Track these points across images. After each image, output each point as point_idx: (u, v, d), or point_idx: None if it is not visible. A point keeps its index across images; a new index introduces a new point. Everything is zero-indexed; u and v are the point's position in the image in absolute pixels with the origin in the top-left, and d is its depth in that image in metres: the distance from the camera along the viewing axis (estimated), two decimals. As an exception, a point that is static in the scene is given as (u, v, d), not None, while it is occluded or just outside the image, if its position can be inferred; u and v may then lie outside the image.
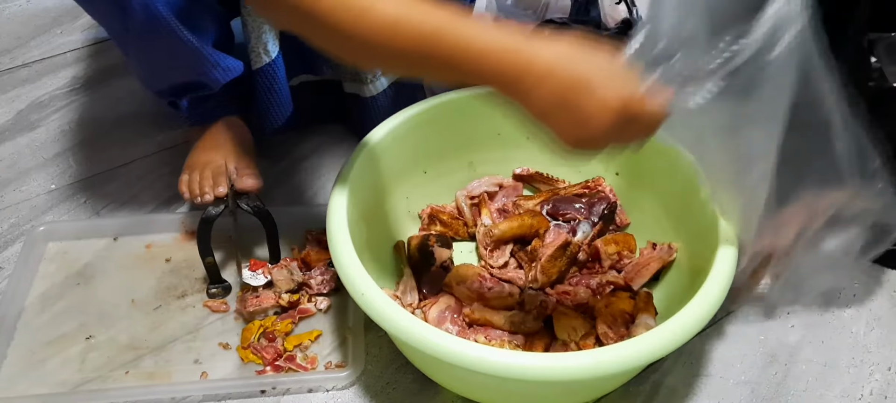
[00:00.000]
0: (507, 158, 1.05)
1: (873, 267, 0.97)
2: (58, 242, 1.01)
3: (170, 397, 0.84)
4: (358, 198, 0.84)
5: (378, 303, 0.71)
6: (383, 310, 0.70)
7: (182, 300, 0.94)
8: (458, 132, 0.99)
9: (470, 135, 1.00)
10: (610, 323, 0.84)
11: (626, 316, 0.85)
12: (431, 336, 0.68)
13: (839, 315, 0.92)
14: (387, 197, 0.95)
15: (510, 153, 1.04)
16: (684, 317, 0.69)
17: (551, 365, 0.66)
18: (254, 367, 0.86)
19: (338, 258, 0.76)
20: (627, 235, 0.96)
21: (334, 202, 0.81)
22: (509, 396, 0.79)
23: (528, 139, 0.99)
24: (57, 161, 1.17)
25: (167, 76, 1.01)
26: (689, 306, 0.70)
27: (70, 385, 0.84)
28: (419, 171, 1.00)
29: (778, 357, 0.88)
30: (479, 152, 1.03)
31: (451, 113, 0.97)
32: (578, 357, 0.68)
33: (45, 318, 0.92)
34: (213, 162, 0.98)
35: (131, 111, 1.24)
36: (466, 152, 1.03)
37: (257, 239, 0.97)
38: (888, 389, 0.85)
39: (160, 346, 0.89)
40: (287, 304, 0.91)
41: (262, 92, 1.02)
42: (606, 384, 0.81)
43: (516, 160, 1.05)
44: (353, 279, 0.73)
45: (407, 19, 0.63)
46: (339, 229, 0.78)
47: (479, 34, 0.63)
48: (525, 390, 0.75)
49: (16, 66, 1.37)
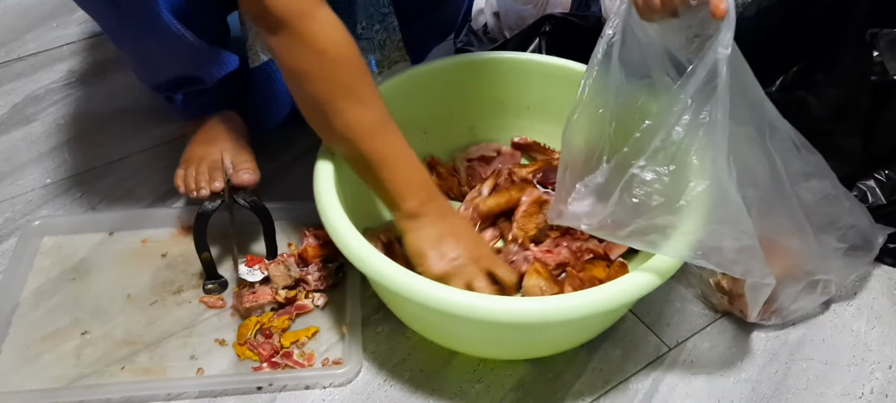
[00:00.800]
0: (507, 126, 1.08)
1: (874, 264, 0.97)
2: (53, 237, 1.00)
3: (165, 393, 0.83)
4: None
5: (351, 241, 0.76)
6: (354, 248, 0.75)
7: (178, 295, 0.93)
8: (460, 96, 1.02)
9: (472, 100, 1.04)
10: (577, 286, 0.86)
11: (596, 282, 0.86)
12: (393, 273, 0.73)
13: (840, 313, 0.92)
14: None
15: (510, 121, 1.07)
16: (633, 278, 0.73)
17: (496, 308, 0.70)
18: (250, 364, 0.86)
19: (323, 209, 0.80)
20: None
21: (322, 156, 0.85)
22: (475, 341, 0.83)
23: (528, 108, 1.04)
24: (52, 155, 1.16)
25: (162, 70, 1.00)
26: (639, 269, 0.73)
27: (65, 380, 0.84)
28: (419, 131, 1.02)
29: (778, 356, 0.87)
30: (481, 118, 1.07)
31: (454, 77, 1.00)
32: (522, 303, 0.72)
33: (40, 313, 0.91)
34: (209, 156, 0.98)
35: (127, 105, 1.24)
36: (467, 117, 1.06)
37: (254, 234, 0.96)
38: (889, 387, 0.84)
39: (156, 342, 0.88)
40: (284, 300, 0.91)
41: (259, 90, 1.01)
42: (558, 333, 0.81)
43: (516, 128, 1.08)
44: (333, 220, 0.78)
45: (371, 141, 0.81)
46: (325, 184, 0.83)
47: (405, 188, 0.81)
48: (477, 332, 0.79)
49: (11, 60, 1.37)
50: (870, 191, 0.96)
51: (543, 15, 1.12)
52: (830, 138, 0.93)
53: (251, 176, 0.95)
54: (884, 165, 0.97)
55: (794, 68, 0.98)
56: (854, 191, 0.96)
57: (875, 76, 0.90)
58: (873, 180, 0.96)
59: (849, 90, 0.94)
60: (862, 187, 0.97)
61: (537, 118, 1.06)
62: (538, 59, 1.04)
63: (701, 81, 0.68)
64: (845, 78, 0.94)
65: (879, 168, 0.97)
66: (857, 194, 0.96)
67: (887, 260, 0.97)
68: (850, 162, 0.96)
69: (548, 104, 1.04)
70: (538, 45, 1.10)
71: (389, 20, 1.03)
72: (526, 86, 1.04)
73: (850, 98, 0.94)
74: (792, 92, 0.96)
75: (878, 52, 0.90)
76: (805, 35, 0.96)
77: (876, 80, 0.91)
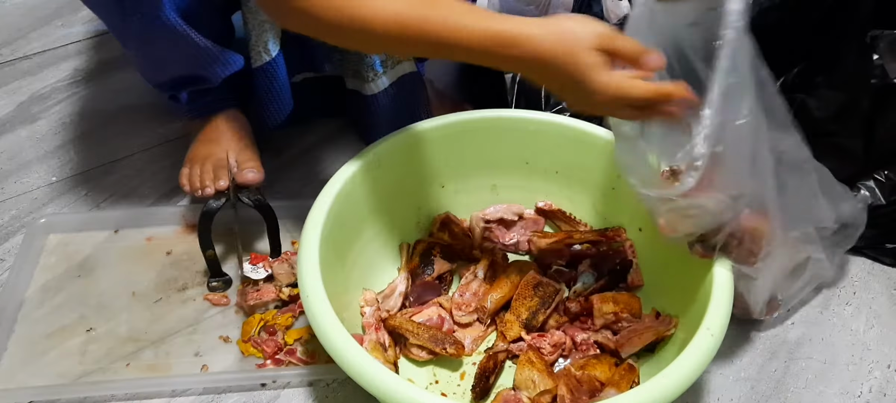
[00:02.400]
0: (533, 188, 0.99)
1: (873, 264, 0.97)
2: (58, 234, 1.01)
3: (170, 389, 0.84)
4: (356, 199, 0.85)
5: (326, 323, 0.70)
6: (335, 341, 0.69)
7: (183, 293, 0.94)
8: (483, 152, 0.96)
9: (497, 157, 0.97)
10: (573, 386, 0.78)
11: (596, 383, 0.79)
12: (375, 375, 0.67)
13: (839, 312, 0.93)
14: (394, 202, 0.93)
15: (536, 184, 0.99)
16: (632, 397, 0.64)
17: None
18: (254, 360, 0.86)
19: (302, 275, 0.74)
20: (633, 296, 0.88)
21: (318, 201, 0.80)
22: None
23: (557, 173, 0.97)
24: (58, 153, 1.17)
25: (167, 69, 1.01)
26: (642, 387, 0.66)
27: (70, 376, 0.84)
28: (436, 185, 0.97)
29: (777, 354, 0.88)
30: (505, 177, 0.99)
31: (479, 132, 0.94)
32: None
33: (46, 310, 0.92)
34: (213, 155, 0.98)
35: (132, 104, 1.24)
36: (491, 174, 0.99)
37: (258, 232, 0.97)
38: (887, 386, 0.85)
39: (160, 339, 0.89)
40: (288, 298, 0.91)
41: (262, 90, 1.01)
42: None
43: (542, 192, 0.99)
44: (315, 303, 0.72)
45: (413, 21, 0.70)
46: (310, 242, 0.77)
47: (482, 20, 0.70)
48: None
49: (16, 58, 1.37)
50: (869, 191, 0.96)
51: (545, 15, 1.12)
52: (831, 139, 0.94)
53: (256, 174, 0.96)
54: (884, 166, 0.97)
55: (794, 70, 0.99)
56: (854, 192, 0.97)
57: (875, 79, 0.91)
58: (873, 181, 0.97)
59: (849, 92, 0.94)
60: (861, 188, 0.97)
61: (566, 185, 0.98)
62: (569, 124, 0.95)
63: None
64: (846, 80, 0.94)
65: (879, 169, 0.97)
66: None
67: (886, 260, 0.98)
68: (852, 163, 0.96)
69: (577, 171, 0.96)
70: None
71: None
72: (555, 150, 0.96)
73: (851, 100, 0.94)
74: (792, 93, 0.97)
75: (878, 55, 0.90)
76: (805, 37, 0.96)
77: (876, 83, 0.91)
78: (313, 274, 0.73)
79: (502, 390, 0.81)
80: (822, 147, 0.83)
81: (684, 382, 0.65)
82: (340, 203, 0.82)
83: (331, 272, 0.77)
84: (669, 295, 0.85)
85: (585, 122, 0.94)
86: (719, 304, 0.72)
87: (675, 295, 0.83)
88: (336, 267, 0.82)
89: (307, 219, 0.79)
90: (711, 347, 0.68)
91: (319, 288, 0.72)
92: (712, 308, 0.71)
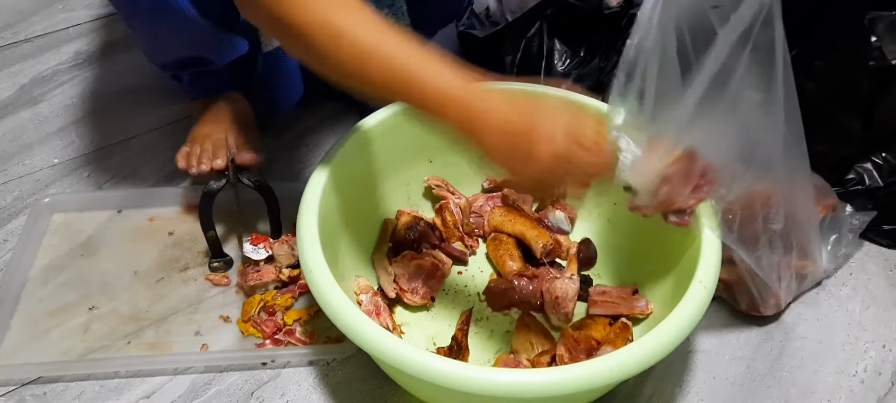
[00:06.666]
0: None
1: (869, 245, 0.98)
2: (62, 214, 1.02)
3: (171, 368, 0.85)
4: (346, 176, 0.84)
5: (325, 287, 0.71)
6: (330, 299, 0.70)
7: (184, 273, 0.95)
8: None
9: None
10: (571, 346, 0.80)
11: (593, 342, 0.81)
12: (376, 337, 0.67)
13: (835, 293, 0.93)
14: (383, 178, 0.94)
15: None
16: (628, 353, 0.65)
17: (468, 376, 0.63)
18: (254, 340, 0.87)
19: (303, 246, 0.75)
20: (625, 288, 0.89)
21: (313, 180, 0.81)
22: None
23: None
24: (60, 135, 1.17)
25: (172, 51, 1.01)
26: (638, 342, 0.66)
27: (73, 354, 0.86)
28: (424, 160, 0.98)
29: (773, 334, 0.88)
30: None
31: None
32: (494, 374, 0.64)
33: (49, 289, 0.93)
34: (213, 135, 0.99)
35: (134, 86, 1.25)
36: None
37: (259, 213, 0.97)
38: (882, 366, 0.85)
39: (162, 318, 0.90)
40: (287, 279, 0.92)
41: (273, 74, 1.01)
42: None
43: None
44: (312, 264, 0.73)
45: (377, 52, 0.67)
46: (309, 214, 0.77)
47: (440, 81, 0.66)
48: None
49: (18, 41, 1.38)
50: (867, 173, 0.97)
51: (543, 1, 1.12)
52: (830, 121, 0.94)
53: (253, 155, 0.96)
54: (882, 148, 0.97)
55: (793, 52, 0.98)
56: (852, 174, 0.97)
57: (873, 61, 0.91)
58: (870, 163, 0.97)
59: (848, 74, 0.94)
60: (859, 170, 0.97)
61: None
62: (561, 96, 0.91)
63: None
64: (844, 62, 0.94)
65: (877, 150, 0.97)
66: (855, 177, 0.97)
67: (883, 242, 0.98)
68: (850, 144, 0.96)
69: None
70: (539, 29, 1.10)
71: (399, 4, 1.04)
72: None
73: (849, 82, 0.94)
74: (791, 75, 0.97)
75: (876, 37, 0.90)
76: (804, 19, 0.96)
77: (874, 65, 0.91)
78: (314, 249, 0.73)
79: (501, 354, 0.82)
80: (820, 129, 0.83)
81: (680, 334, 0.66)
82: (335, 178, 0.82)
83: (326, 255, 0.76)
84: (656, 260, 0.85)
85: (581, 95, 0.91)
86: (709, 257, 0.72)
87: (662, 260, 0.83)
88: (329, 252, 0.79)
89: (303, 198, 0.79)
90: (704, 299, 0.69)
91: (321, 260, 0.72)
92: (703, 261, 0.72)
